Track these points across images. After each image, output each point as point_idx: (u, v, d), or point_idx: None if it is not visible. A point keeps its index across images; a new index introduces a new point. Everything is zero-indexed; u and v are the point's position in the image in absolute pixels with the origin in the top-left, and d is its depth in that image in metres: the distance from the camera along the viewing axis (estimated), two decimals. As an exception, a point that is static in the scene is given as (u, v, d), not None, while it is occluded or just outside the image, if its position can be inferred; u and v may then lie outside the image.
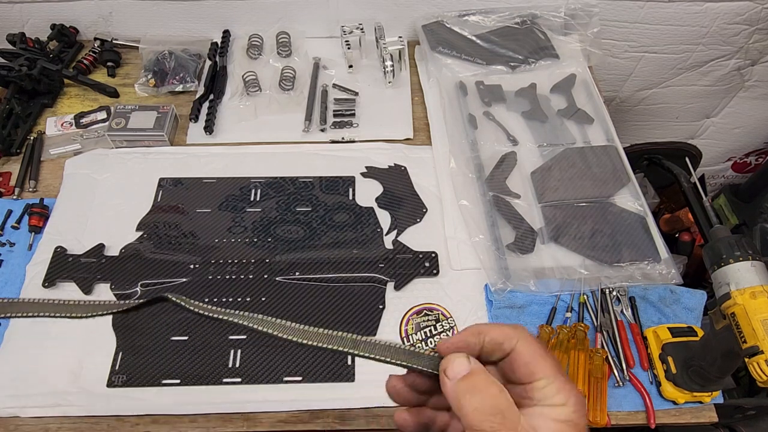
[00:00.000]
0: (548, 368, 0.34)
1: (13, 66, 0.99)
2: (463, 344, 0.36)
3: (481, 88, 1.03)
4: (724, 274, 0.60)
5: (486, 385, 0.33)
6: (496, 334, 0.36)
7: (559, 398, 0.33)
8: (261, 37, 1.12)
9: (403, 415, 0.40)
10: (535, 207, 0.88)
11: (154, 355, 0.74)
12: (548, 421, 0.33)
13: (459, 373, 0.34)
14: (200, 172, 0.93)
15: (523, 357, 0.35)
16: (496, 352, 0.36)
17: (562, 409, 0.33)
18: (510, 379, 0.36)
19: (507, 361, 0.36)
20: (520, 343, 0.35)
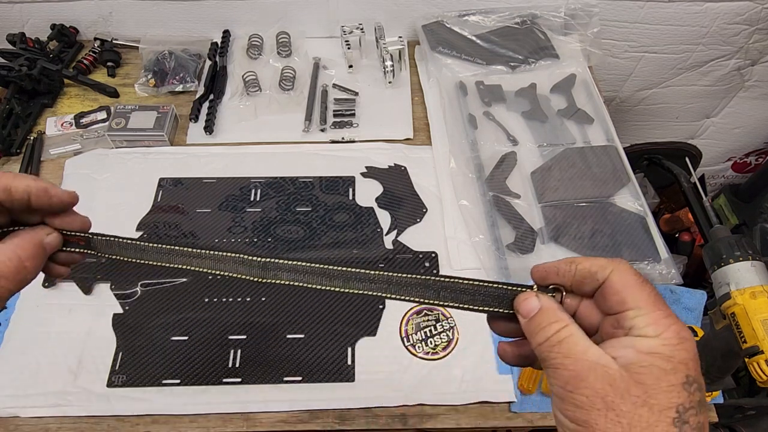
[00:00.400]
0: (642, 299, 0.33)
1: (13, 66, 0.99)
2: (554, 269, 0.36)
3: (481, 88, 1.03)
4: (724, 274, 0.60)
5: (552, 321, 0.33)
6: (589, 263, 0.35)
7: (650, 330, 0.32)
8: (261, 37, 1.12)
9: (504, 346, 0.40)
10: (535, 207, 0.88)
11: (154, 355, 0.74)
12: (631, 351, 0.31)
13: (530, 311, 0.35)
14: (200, 172, 0.93)
15: (615, 286, 0.34)
16: (588, 282, 0.35)
17: (651, 340, 0.31)
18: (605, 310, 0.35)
19: (600, 291, 0.35)
20: (614, 273, 0.34)
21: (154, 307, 0.78)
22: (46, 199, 0.39)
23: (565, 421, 0.31)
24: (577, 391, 0.30)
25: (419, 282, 0.39)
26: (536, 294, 0.36)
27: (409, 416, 0.70)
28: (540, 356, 0.33)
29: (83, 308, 0.78)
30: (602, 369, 0.31)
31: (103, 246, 0.43)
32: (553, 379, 0.32)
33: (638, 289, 0.33)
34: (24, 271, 0.38)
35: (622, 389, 0.30)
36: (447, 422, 0.70)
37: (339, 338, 0.75)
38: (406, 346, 0.75)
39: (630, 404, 0.29)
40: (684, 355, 0.31)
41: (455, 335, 0.76)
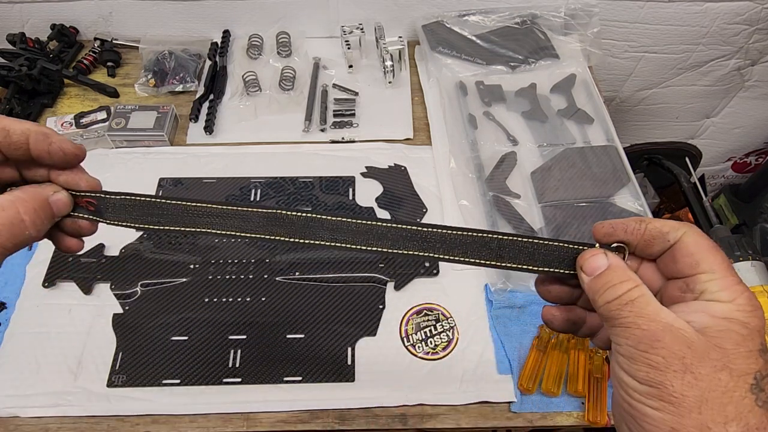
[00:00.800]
0: (716, 263, 0.32)
1: (13, 66, 0.99)
2: (621, 226, 0.35)
3: (481, 88, 1.03)
4: (724, 274, 0.60)
5: (623, 279, 0.32)
6: (661, 223, 0.34)
7: (724, 295, 0.31)
8: (261, 37, 1.12)
9: (552, 310, 0.39)
10: (535, 207, 0.88)
11: (154, 355, 0.74)
12: (704, 316, 0.30)
13: (596, 269, 0.33)
14: (200, 172, 0.93)
15: (688, 247, 0.32)
16: (657, 242, 0.34)
17: (725, 305, 0.30)
18: (671, 273, 0.34)
19: (669, 253, 0.33)
20: (687, 235, 0.33)
21: (154, 307, 0.78)
22: (45, 145, 0.35)
23: (632, 383, 0.30)
24: (652, 351, 0.29)
25: (477, 240, 0.36)
26: (605, 251, 0.34)
27: (409, 416, 0.70)
28: (606, 315, 0.32)
29: (83, 308, 0.78)
30: (678, 331, 0.29)
31: (115, 211, 0.38)
32: (621, 338, 0.31)
33: (712, 253, 0.32)
34: (21, 225, 0.34)
35: (701, 352, 0.29)
36: (447, 422, 0.70)
37: (339, 338, 0.75)
38: (406, 346, 0.75)
39: (709, 367, 0.28)
40: (758, 322, 0.30)
41: (455, 335, 0.76)
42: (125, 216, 0.38)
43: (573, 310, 0.38)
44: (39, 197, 0.36)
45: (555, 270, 0.36)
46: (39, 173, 0.37)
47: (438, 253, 0.36)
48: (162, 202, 0.38)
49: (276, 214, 0.37)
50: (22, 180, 0.37)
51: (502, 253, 0.36)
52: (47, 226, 0.36)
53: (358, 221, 0.36)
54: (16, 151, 0.35)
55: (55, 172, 0.37)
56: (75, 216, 0.38)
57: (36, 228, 0.35)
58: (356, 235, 0.36)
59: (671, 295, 0.33)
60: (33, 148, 0.35)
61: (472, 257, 0.36)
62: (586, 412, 0.69)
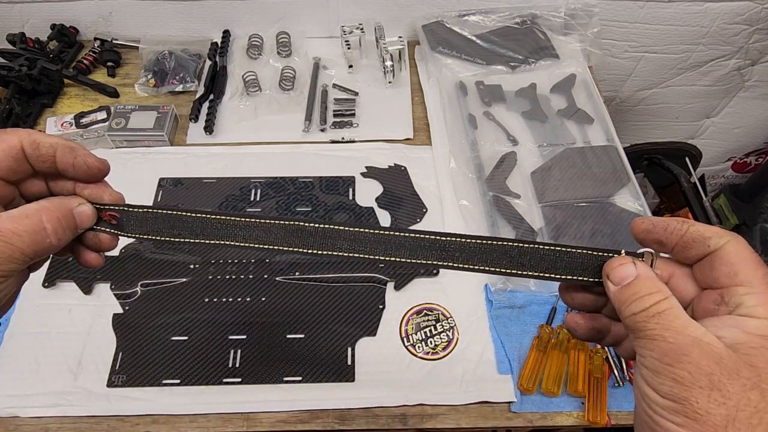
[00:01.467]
0: (756, 276, 0.30)
1: (13, 66, 0.99)
2: (662, 225, 0.33)
3: (481, 88, 1.03)
4: (724, 274, 0.60)
5: (652, 291, 0.31)
6: (704, 228, 0.32)
7: (761, 310, 0.29)
8: (261, 37, 1.12)
9: (576, 318, 0.37)
10: (535, 207, 0.88)
11: (154, 355, 0.74)
12: (737, 332, 0.28)
13: (624, 278, 0.32)
14: (200, 172, 0.93)
15: (729, 257, 0.31)
16: (697, 247, 0.32)
17: (762, 321, 0.29)
18: (707, 282, 0.32)
19: (707, 260, 0.32)
20: (730, 243, 0.31)
21: (154, 307, 0.78)
22: (71, 158, 0.36)
23: (655, 397, 0.29)
24: (677, 365, 0.28)
25: (497, 248, 0.35)
26: (633, 260, 0.32)
27: (409, 416, 0.70)
28: (632, 326, 0.31)
29: (83, 308, 0.78)
30: (707, 346, 0.28)
31: (137, 224, 0.39)
32: (647, 350, 0.29)
33: (754, 266, 0.30)
34: (43, 233, 0.35)
35: (731, 369, 0.27)
36: (447, 422, 0.70)
37: (339, 338, 0.75)
38: (406, 346, 0.75)
39: (739, 386, 0.27)
40: None
41: (455, 335, 0.76)
42: (147, 229, 0.39)
43: (598, 318, 0.37)
44: (63, 208, 0.37)
45: (579, 278, 0.35)
46: (66, 187, 0.39)
47: (458, 262, 0.36)
48: (184, 215, 0.38)
49: (296, 226, 0.37)
50: (50, 194, 0.39)
51: (523, 261, 0.35)
52: (69, 237, 0.37)
53: (376, 231, 0.36)
54: (43, 164, 0.36)
55: (80, 186, 0.39)
56: (97, 230, 0.39)
57: (57, 237, 0.36)
58: (375, 245, 0.36)
59: (705, 307, 0.32)
60: (59, 161, 0.36)
61: (492, 266, 0.36)
62: (586, 412, 0.69)
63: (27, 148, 0.36)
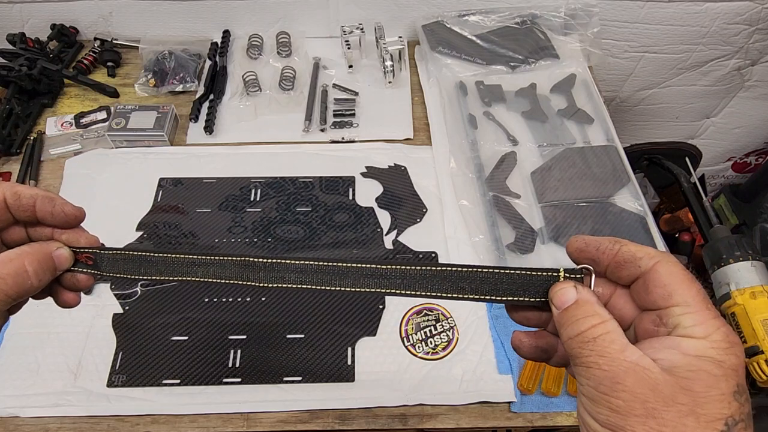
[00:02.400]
0: (690, 295, 0.30)
1: (13, 66, 0.99)
2: (594, 243, 0.33)
3: (481, 88, 1.03)
4: (724, 274, 0.60)
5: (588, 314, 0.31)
6: (636, 248, 0.32)
7: (698, 330, 0.29)
8: (261, 37, 1.12)
9: (520, 336, 0.37)
10: (535, 207, 0.88)
11: (154, 355, 0.74)
12: (675, 353, 0.28)
13: (565, 302, 0.32)
14: (200, 172, 0.93)
15: (662, 277, 0.30)
16: (628, 267, 0.32)
17: (699, 342, 0.28)
18: (644, 304, 0.32)
19: (642, 282, 0.32)
20: (661, 264, 0.31)
21: (154, 307, 0.78)
22: (49, 207, 0.40)
23: (595, 426, 0.29)
24: (612, 394, 0.28)
25: (436, 274, 0.37)
26: (575, 284, 0.33)
27: (409, 416, 0.70)
28: (570, 352, 0.31)
29: (83, 308, 0.77)
30: (642, 371, 0.28)
31: (109, 264, 0.43)
32: (583, 378, 0.29)
33: (687, 285, 0.30)
34: (25, 275, 0.38)
35: (667, 395, 0.27)
36: (447, 422, 0.70)
37: (339, 338, 0.75)
38: (406, 346, 0.75)
39: (675, 412, 0.27)
40: (734, 360, 0.28)
41: (455, 335, 0.76)
42: (119, 268, 0.43)
43: (543, 336, 0.37)
44: (43, 252, 0.40)
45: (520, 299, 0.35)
46: (44, 233, 0.42)
47: (399, 288, 0.38)
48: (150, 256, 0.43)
49: (247, 261, 0.40)
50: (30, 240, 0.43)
51: (462, 285, 0.36)
52: (48, 278, 0.41)
53: (320, 263, 0.38)
54: (24, 213, 0.40)
55: (58, 232, 0.42)
56: (75, 270, 0.43)
57: (38, 278, 0.39)
58: (321, 275, 0.38)
59: (645, 328, 0.32)
60: (39, 210, 0.40)
61: (434, 291, 0.37)
62: (586, 412, 0.69)
63: (9, 199, 0.39)
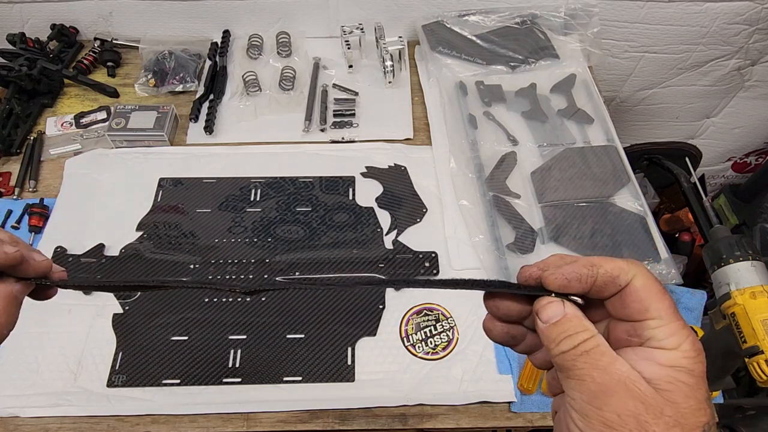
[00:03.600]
0: (664, 309, 0.31)
1: (13, 66, 0.99)
2: (575, 276, 0.33)
3: (481, 88, 1.03)
4: (724, 274, 0.60)
5: (579, 329, 0.32)
6: (611, 267, 0.33)
7: (670, 341, 0.31)
8: (261, 37, 1.12)
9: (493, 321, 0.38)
10: (535, 207, 0.88)
11: (154, 355, 0.74)
12: (652, 365, 0.30)
13: (552, 318, 0.33)
14: (200, 172, 0.93)
15: (639, 293, 0.32)
16: (609, 287, 0.33)
17: (671, 353, 0.30)
18: (620, 316, 0.33)
19: (619, 296, 0.33)
20: (637, 278, 0.32)
21: (154, 307, 0.78)
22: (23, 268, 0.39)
23: None
24: (606, 408, 0.29)
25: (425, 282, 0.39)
26: (561, 300, 0.34)
27: (409, 416, 0.70)
28: (561, 364, 0.32)
29: (83, 308, 0.77)
30: (633, 385, 0.29)
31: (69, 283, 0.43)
32: (575, 391, 0.30)
33: (660, 298, 0.32)
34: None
35: (656, 409, 0.29)
36: (447, 422, 0.70)
37: (339, 338, 0.75)
38: (406, 346, 0.75)
39: (663, 425, 0.28)
40: (701, 368, 0.30)
41: (455, 335, 0.76)
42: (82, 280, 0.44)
43: (516, 326, 0.38)
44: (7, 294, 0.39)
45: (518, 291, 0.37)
46: None
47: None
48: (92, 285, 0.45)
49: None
50: None
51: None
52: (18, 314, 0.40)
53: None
54: None
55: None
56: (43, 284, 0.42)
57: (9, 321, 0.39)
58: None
59: (619, 337, 0.33)
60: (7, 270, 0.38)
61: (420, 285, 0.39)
62: (586, 412, 0.69)
63: None
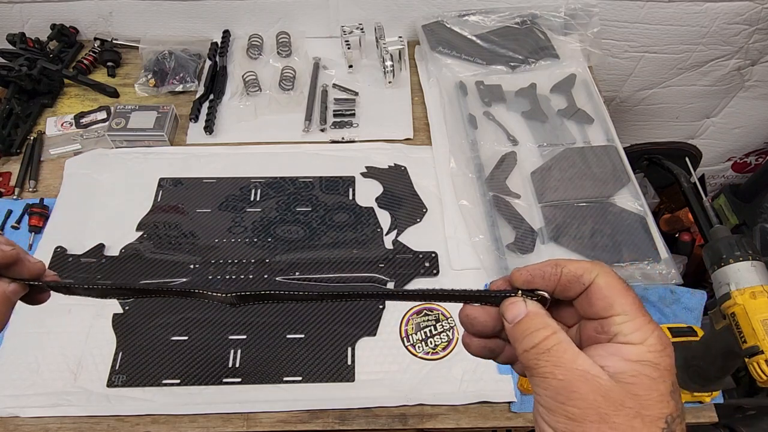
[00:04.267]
0: (628, 304, 0.32)
1: (13, 66, 0.99)
2: (539, 273, 0.35)
3: (481, 88, 1.03)
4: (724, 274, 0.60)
5: (540, 327, 0.33)
6: (575, 266, 0.34)
7: (636, 336, 0.32)
8: (261, 37, 1.12)
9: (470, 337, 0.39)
10: (535, 207, 0.88)
11: (154, 355, 0.74)
12: (618, 360, 0.31)
13: (516, 317, 0.34)
14: (200, 172, 0.93)
15: (602, 290, 0.33)
16: (573, 286, 0.34)
17: (637, 348, 0.31)
18: (587, 315, 0.34)
19: (585, 295, 0.34)
20: (600, 277, 0.33)
21: (154, 307, 0.78)
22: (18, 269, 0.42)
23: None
24: (569, 403, 0.30)
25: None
26: (523, 298, 0.35)
27: (409, 416, 0.70)
28: (526, 363, 0.33)
29: (83, 308, 0.77)
30: (594, 379, 0.30)
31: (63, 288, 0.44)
32: (540, 388, 0.31)
33: (624, 294, 0.33)
34: None
35: (616, 401, 0.30)
36: (447, 422, 0.70)
37: (339, 338, 0.75)
38: (406, 346, 0.75)
39: (623, 416, 0.29)
40: (668, 361, 0.31)
41: (455, 335, 0.76)
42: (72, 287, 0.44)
43: (493, 340, 0.39)
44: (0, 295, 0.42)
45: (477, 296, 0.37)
46: None
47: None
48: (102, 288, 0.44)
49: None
50: None
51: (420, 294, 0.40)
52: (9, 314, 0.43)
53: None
54: None
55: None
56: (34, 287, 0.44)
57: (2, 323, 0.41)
58: None
59: (588, 335, 0.34)
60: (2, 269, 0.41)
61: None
62: (586, 412, 0.69)
63: None
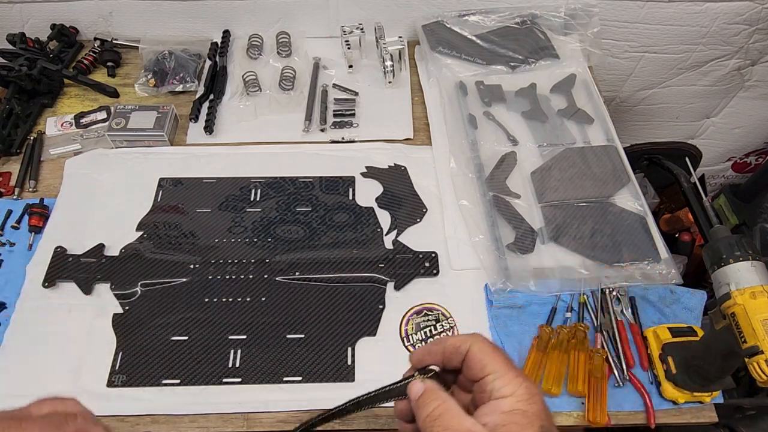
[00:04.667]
0: (497, 363, 0.39)
1: (13, 66, 0.99)
2: (426, 352, 0.43)
3: (481, 88, 1.03)
4: (724, 274, 0.60)
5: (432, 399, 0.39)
6: (454, 340, 0.41)
7: (506, 390, 0.37)
8: (261, 37, 1.12)
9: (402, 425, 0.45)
10: (535, 207, 0.88)
11: (154, 355, 0.74)
12: (496, 415, 0.36)
13: (416, 393, 0.41)
14: (200, 172, 0.93)
15: (476, 355, 0.40)
16: (455, 356, 0.41)
17: (509, 400, 0.37)
18: (471, 378, 0.40)
19: (465, 362, 0.41)
20: (474, 344, 0.40)
21: (154, 307, 0.78)
22: None
23: None
24: None
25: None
26: (421, 378, 0.42)
27: (409, 416, 0.70)
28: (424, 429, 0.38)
29: (83, 308, 0.78)
30: None
31: None
32: None
33: (494, 355, 0.39)
34: None
35: None
36: (447, 422, 0.69)
37: (339, 338, 0.75)
38: (406, 346, 0.75)
39: None
40: (536, 407, 0.37)
41: (455, 335, 0.76)
42: None
43: None
44: None
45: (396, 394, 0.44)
46: None
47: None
48: None
49: None
50: None
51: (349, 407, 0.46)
52: None
53: None
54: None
55: None
56: None
57: None
58: None
59: (478, 397, 0.40)
60: None
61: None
62: (586, 412, 0.69)
63: None
